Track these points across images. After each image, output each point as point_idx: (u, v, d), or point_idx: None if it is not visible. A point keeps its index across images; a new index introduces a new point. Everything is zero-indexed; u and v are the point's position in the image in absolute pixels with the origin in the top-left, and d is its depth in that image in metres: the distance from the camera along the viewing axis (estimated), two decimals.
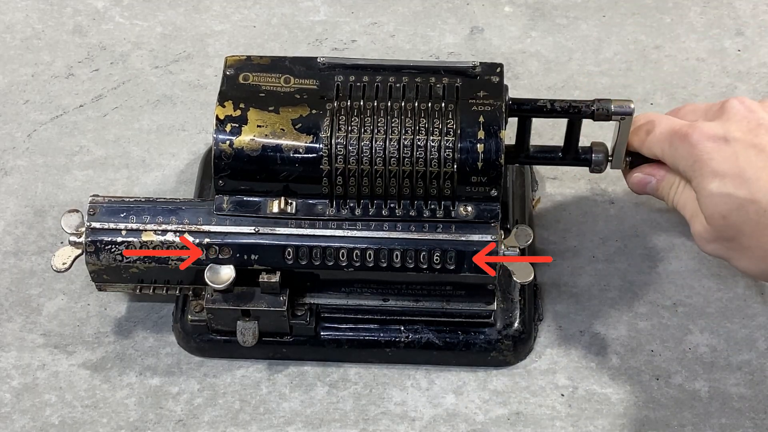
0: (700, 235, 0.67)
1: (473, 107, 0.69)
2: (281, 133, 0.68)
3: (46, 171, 0.84)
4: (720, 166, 0.65)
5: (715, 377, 0.74)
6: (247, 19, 0.94)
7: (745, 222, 0.64)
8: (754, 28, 0.93)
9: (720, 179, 0.65)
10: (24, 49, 0.92)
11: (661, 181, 0.71)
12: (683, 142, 0.67)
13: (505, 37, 0.93)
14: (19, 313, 0.77)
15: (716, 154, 0.65)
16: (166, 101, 0.89)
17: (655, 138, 0.69)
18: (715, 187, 0.65)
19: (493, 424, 0.72)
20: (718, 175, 0.65)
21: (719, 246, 0.67)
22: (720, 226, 0.65)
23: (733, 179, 0.64)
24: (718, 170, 0.65)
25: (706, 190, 0.65)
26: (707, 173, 0.65)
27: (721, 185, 0.64)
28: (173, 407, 0.73)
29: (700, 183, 0.66)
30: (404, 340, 0.74)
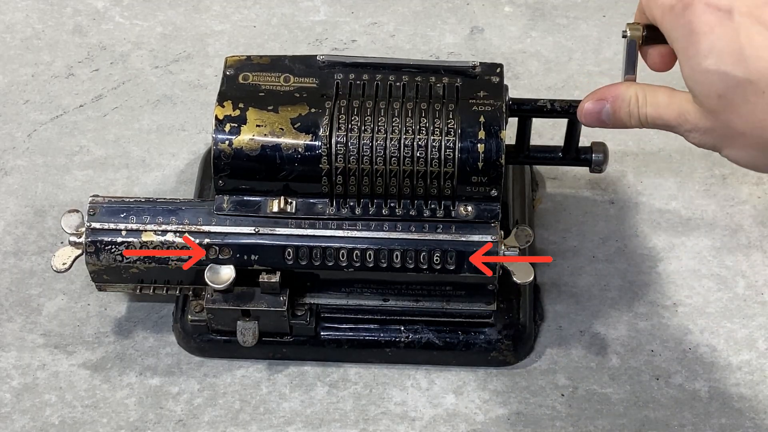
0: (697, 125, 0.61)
1: (473, 107, 0.69)
2: (280, 133, 0.68)
3: (46, 171, 0.84)
4: (718, 41, 0.60)
5: (715, 377, 0.74)
6: (247, 19, 0.94)
7: (741, 103, 0.59)
8: None
9: (717, 55, 0.59)
10: (24, 49, 0.92)
11: (616, 100, 0.64)
12: (685, 9, 0.60)
13: (505, 37, 0.93)
14: (19, 313, 0.77)
15: (717, 28, 0.60)
16: (166, 101, 0.89)
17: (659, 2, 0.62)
18: (712, 63, 0.59)
19: (493, 424, 0.72)
20: (715, 50, 0.59)
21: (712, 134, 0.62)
22: (714, 106, 0.60)
23: (731, 56, 0.59)
24: (715, 46, 0.59)
25: (701, 65, 0.59)
26: (704, 47, 0.60)
27: (719, 61, 0.59)
28: (173, 407, 0.73)
29: (693, 57, 0.60)
30: (404, 340, 0.74)
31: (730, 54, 0.59)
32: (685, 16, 0.61)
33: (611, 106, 0.64)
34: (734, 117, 0.60)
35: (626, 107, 0.64)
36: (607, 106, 0.64)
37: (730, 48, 0.59)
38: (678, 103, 0.62)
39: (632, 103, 0.64)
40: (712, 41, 0.59)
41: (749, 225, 0.81)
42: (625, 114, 0.64)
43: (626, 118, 0.64)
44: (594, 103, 0.65)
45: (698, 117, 0.61)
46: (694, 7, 0.61)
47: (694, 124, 0.62)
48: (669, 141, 0.85)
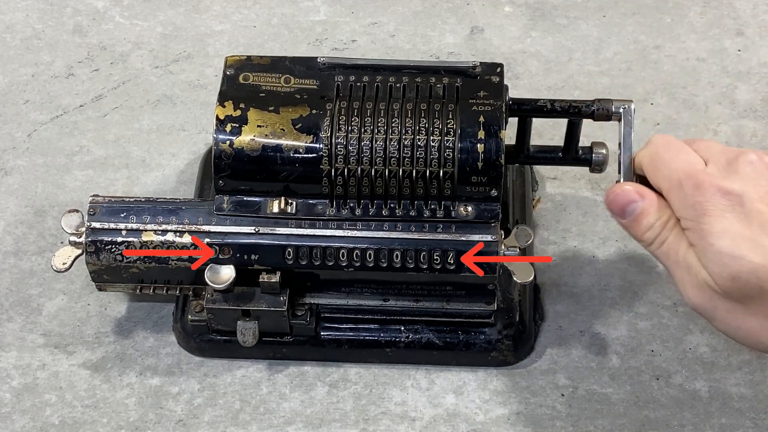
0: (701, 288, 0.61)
1: (473, 107, 0.69)
2: (281, 133, 0.68)
3: (46, 171, 0.84)
4: (733, 226, 0.60)
5: (715, 377, 0.74)
6: (247, 19, 0.94)
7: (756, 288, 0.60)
8: (754, 28, 0.93)
9: (731, 238, 0.60)
10: (24, 49, 0.92)
11: (651, 207, 0.64)
12: (696, 190, 0.61)
13: (505, 37, 0.93)
14: (19, 313, 0.77)
15: (729, 214, 0.60)
16: (166, 101, 0.89)
17: (665, 173, 0.63)
18: (726, 246, 0.60)
19: (493, 424, 0.72)
20: (729, 233, 0.60)
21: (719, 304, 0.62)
22: (728, 287, 0.60)
23: (746, 242, 0.60)
24: (729, 229, 0.60)
25: (715, 246, 0.60)
26: (717, 230, 0.60)
27: (733, 245, 0.60)
28: (173, 407, 0.73)
29: (706, 237, 0.60)
30: (404, 340, 0.74)
31: (745, 239, 0.59)
32: (694, 195, 0.61)
33: (645, 207, 0.64)
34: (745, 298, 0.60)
35: (653, 221, 0.63)
36: (640, 204, 0.64)
37: (745, 234, 0.59)
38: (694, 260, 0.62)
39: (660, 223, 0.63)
40: (725, 225, 0.60)
41: None
42: (646, 225, 0.64)
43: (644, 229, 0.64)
44: (634, 192, 0.64)
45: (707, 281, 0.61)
46: (704, 189, 0.61)
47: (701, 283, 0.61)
48: None
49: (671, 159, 0.63)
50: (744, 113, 0.88)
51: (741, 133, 0.86)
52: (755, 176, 0.61)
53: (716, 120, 0.87)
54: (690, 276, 0.62)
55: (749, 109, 0.88)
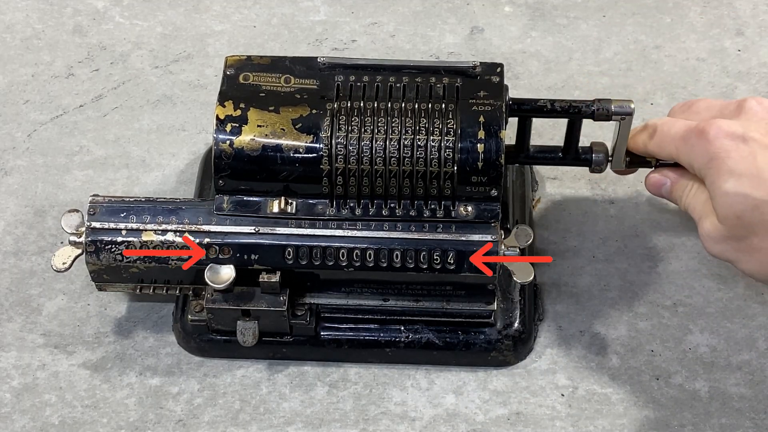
0: (709, 234, 0.66)
1: (473, 107, 0.69)
2: (281, 133, 0.68)
3: (46, 171, 0.84)
4: (737, 164, 0.64)
5: (715, 377, 0.74)
6: (247, 19, 0.94)
7: (759, 223, 0.63)
8: (754, 28, 0.93)
9: (736, 178, 0.63)
10: (24, 49, 0.92)
11: (675, 183, 0.70)
12: (700, 137, 0.65)
13: (505, 37, 0.93)
14: (19, 313, 0.77)
15: (734, 153, 0.64)
16: (166, 101, 0.89)
17: (670, 136, 0.68)
18: (731, 186, 0.63)
19: (493, 424, 0.72)
20: (735, 173, 0.64)
21: (728, 247, 0.66)
22: (733, 226, 0.64)
23: (750, 179, 0.63)
24: (734, 169, 0.64)
25: (722, 188, 0.64)
26: (723, 171, 0.64)
27: (738, 184, 0.63)
28: (173, 407, 0.73)
29: (715, 181, 0.65)
30: (404, 340, 0.74)
31: (749, 177, 0.63)
32: (701, 143, 0.65)
33: (671, 186, 0.71)
34: (751, 235, 0.64)
35: (680, 191, 0.70)
36: (668, 184, 0.71)
37: (749, 171, 0.63)
38: (706, 208, 0.67)
39: (685, 192, 0.69)
40: (731, 165, 0.64)
41: None
42: (678, 197, 0.70)
43: (677, 200, 0.70)
44: (660, 177, 0.71)
45: (714, 228, 0.66)
46: (709, 135, 0.65)
47: (709, 232, 0.66)
48: None
49: (671, 126, 0.68)
50: None
51: None
52: (757, 118, 0.66)
53: None
54: (702, 225, 0.66)
55: None
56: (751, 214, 0.63)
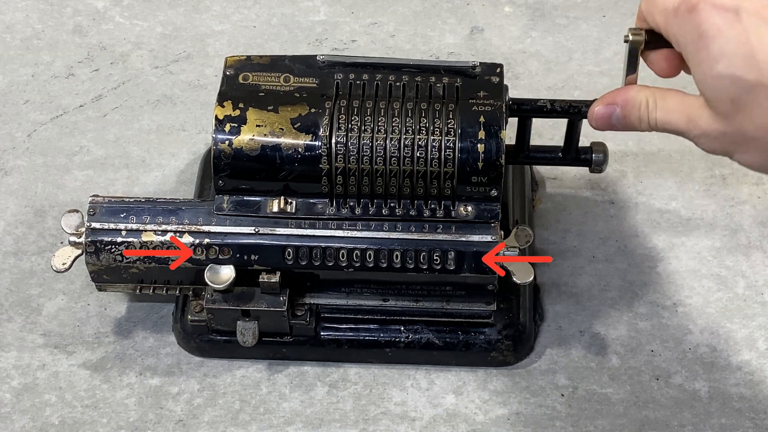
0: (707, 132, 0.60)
1: (473, 107, 0.69)
2: (280, 133, 0.68)
3: (46, 171, 0.84)
4: (728, 44, 0.58)
5: (715, 377, 0.74)
6: (247, 19, 0.94)
7: (753, 107, 0.58)
8: None
9: (728, 59, 0.58)
10: (24, 49, 0.92)
11: (626, 105, 0.63)
12: (690, 12, 0.59)
13: (505, 37, 0.93)
14: (19, 313, 0.77)
15: (726, 31, 0.58)
16: (166, 101, 0.89)
17: (660, 8, 0.61)
18: (723, 67, 0.58)
19: (493, 424, 0.72)
20: (726, 54, 0.58)
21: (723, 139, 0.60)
22: (726, 110, 0.59)
23: (743, 59, 0.57)
24: (725, 49, 0.58)
25: (713, 70, 0.58)
26: (714, 52, 0.58)
27: (730, 65, 0.58)
28: (173, 407, 0.73)
29: (705, 61, 0.58)
30: (404, 340, 0.74)
31: (742, 57, 0.57)
32: (690, 19, 0.59)
33: (621, 110, 0.64)
34: (747, 121, 0.59)
35: (636, 112, 0.63)
36: (617, 111, 0.64)
37: (742, 51, 0.58)
38: (688, 107, 0.61)
39: (642, 108, 0.63)
40: (722, 45, 0.58)
41: (749, 225, 0.81)
42: (636, 119, 0.63)
43: (636, 123, 0.64)
44: (604, 107, 0.64)
45: (709, 121, 0.60)
46: (699, 10, 0.59)
47: (705, 129, 0.60)
48: (669, 141, 0.85)
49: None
50: None
51: None
52: None
53: None
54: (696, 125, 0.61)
55: None
56: (746, 96, 0.58)
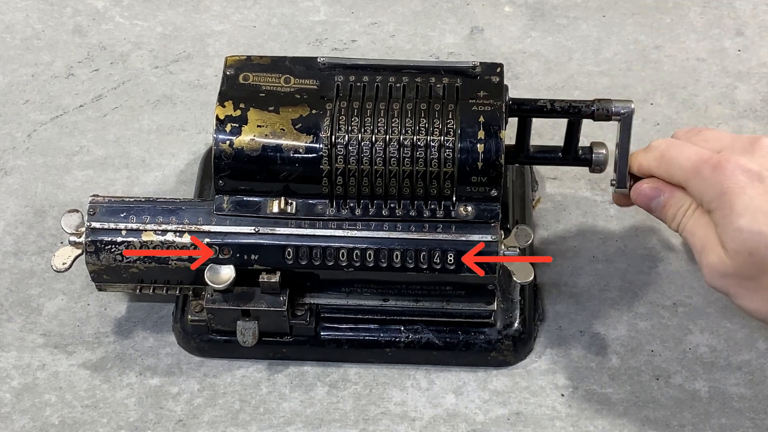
0: (715, 267, 0.64)
1: (473, 107, 0.69)
2: (281, 133, 0.68)
3: (46, 171, 0.84)
4: (753, 201, 0.62)
5: (715, 377, 0.74)
6: (247, 19, 0.94)
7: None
8: (754, 28, 0.93)
9: (751, 215, 0.62)
10: (24, 49, 0.92)
11: (671, 199, 0.67)
12: (714, 170, 0.64)
13: (505, 37, 0.93)
14: (19, 313, 0.77)
15: (749, 190, 0.62)
16: (166, 101, 0.89)
17: (679, 163, 0.66)
18: (746, 222, 0.62)
19: (493, 424, 0.72)
20: (750, 210, 0.62)
21: (732, 282, 0.64)
22: (744, 262, 0.62)
23: (765, 216, 0.62)
24: (749, 205, 0.62)
25: (735, 223, 0.62)
26: (738, 207, 0.62)
27: (753, 221, 0.62)
28: (173, 407, 0.73)
29: (727, 215, 0.63)
30: (404, 340, 0.74)
31: (765, 214, 0.62)
32: (715, 177, 0.64)
33: (665, 200, 0.67)
34: (760, 274, 0.62)
35: (675, 210, 0.67)
36: (661, 199, 0.68)
37: (765, 208, 0.62)
38: (710, 239, 0.65)
39: (681, 211, 0.67)
40: (746, 202, 0.62)
41: None
42: (671, 215, 0.67)
43: (669, 219, 0.68)
44: (652, 189, 0.69)
45: (721, 261, 0.64)
46: (723, 169, 0.63)
47: (713, 265, 0.64)
48: None
49: (680, 153, 0.66)
50: (744, 113, 0.88)
51: (741, 134, 0.86)
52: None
53: (716, 120, 0.87)
54: (707, 256, 0.64)
55: (749, 109, 0.88)
56: (765, 251, 0.62)
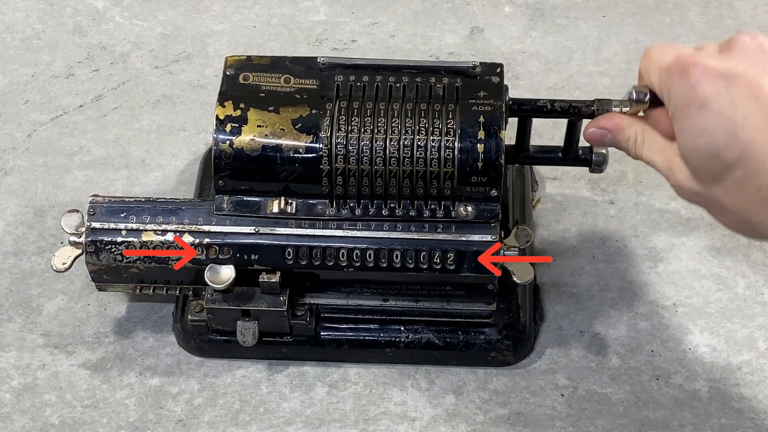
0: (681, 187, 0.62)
1: (473, 107, 0.69)
2: (281, 133, 0.68)
3: (46, 171, 0.84)
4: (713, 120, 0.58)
5: (715, 377, 0.74)
6: (247, 19, 0.94)
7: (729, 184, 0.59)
8: (754, 28, 0.93)
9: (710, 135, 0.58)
10: (24, 49, 0.92)
11: (618, 134, 0.65)
12: (682, 76, 0.59)
13: (505, 37, 0.93)
14: (19, 313, 0.77)
15: (713, 102, 0.58)
16: (166, 101, 0.89)
17: (656, 64, 0.62)
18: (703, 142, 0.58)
19: (493, 424, 0.72)
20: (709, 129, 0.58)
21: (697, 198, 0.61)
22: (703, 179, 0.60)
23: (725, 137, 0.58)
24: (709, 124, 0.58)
25: (694, 142, 0.59)
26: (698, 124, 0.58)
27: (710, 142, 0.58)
28: (173, 407, 0.73)
29: (687, 132, 0.59)
30: (404, 340, 0.74)
31: (724, 134, 0.58)
32: (681, 83, 0.60)
33: (613, 137, 0.66)
34: (721, 194, 0.60)
35: (625, 143, 0.66)
36: (609, 136, 0.66)
37: (724, 128, 0.58)
38: (671, 155, 0.62)
39: (631, 141, 0.65)
40: (706, 119, 0.58)
41: None
42: (624, 148, 0.66)
43: (625, 151, 0.66)
44: (597, 130, 0.67)
45: (686, 178, 0.61)
46: (690, 73, 0.59)
47: (681, 183, 0.62)
48: None
49: (661, 53, 0.62)
50: None
51: None
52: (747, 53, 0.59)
53: None
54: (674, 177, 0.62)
55: None
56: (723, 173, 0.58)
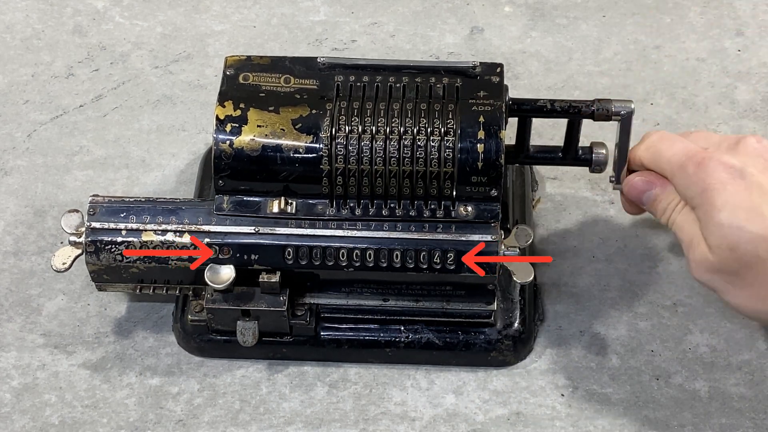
0: (699, 263, 0.65)
1: (473, 107, 0.69)
2: (281, 133, 0.68)
3: (46, 171, 0.84)
4: (733, 197, 0.63)
5: (715, 377, 0.74)
6: (247, 19, 0.94)
7: (753, 257, 0.63)
8: (754, 28, 0.93)
9: (731, 210, 0.63)
10: (24, 49, 0.92)
11: (662, 194, 0.69)
12: (698, 167, 0.65)
13: (505, 37, 0.93)
14: (19, 313, 0.77)
15: (730, 186, 0.64)
16: (166, 101, 0.89)
17: (667, 157, 0.67)
18: (725, 217, 0.63)
19: (493, 424, 0.72)
20: (729, 205, 0.63)
21: (717, 277, 0.65)
22: (726, 258, 0.63)
23: (746, 212, 0.63)
24: (729, 201, 0.63)
25: (716, 218, 0.63)
26: (719, 202, 0.63)
27: (732, 216, 0.63)
28: (173, 407, 0.73)
29: (708, 211, 0.64)
30: (404, 340, 0.74)
31: (745, 210, 0.63)
32: (698, 174, 0.65)
33: (656, 194, 0.69)
34: (743, 270, 0.63)
35: (665, 204, 0.68)
36: (653, 192, 0.69)
37: (746, 204, 0.63)
38: (696, 233, 0.66)
39: (671, 205, 0.68)
40: (726, 197, 0.63)
41: None
42: (661, 210, 0.69)
43: (660, 213, 0.69)
44: (644, 182, 0.70)
45: (705, 257, 0.65)
46: (706, 165, 0.65)
47: (698, 260, 0.65)
48: None
49: (669, 147, 0.68)
50: (744, 113, 0.88)
51: (741, 133, 0.86)
52: (755, 155, 0.65)
53: (716, 120, 0.87)
54: (693, 251, 0.65)
55: (749, 109, 0.88)
56: (746, 247, 0.63)
